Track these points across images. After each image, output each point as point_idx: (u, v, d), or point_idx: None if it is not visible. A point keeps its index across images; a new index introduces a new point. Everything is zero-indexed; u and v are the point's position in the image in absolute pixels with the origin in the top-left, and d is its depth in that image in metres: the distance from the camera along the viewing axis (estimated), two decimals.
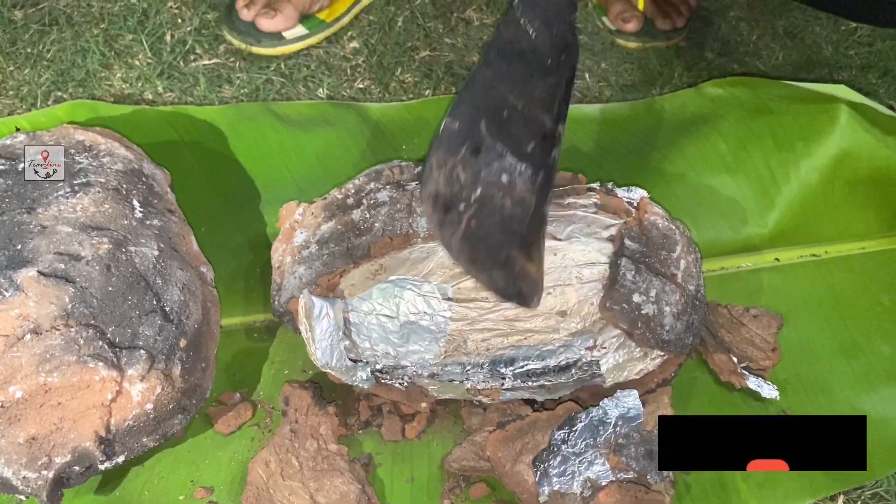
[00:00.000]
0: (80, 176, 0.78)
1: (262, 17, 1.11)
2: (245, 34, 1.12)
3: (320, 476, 0.76)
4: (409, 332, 0.77)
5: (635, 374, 0.81)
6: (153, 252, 0.76)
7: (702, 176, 1.01)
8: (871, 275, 0.97)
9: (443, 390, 0.80)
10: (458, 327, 0.77)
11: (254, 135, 1.00)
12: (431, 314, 0.77)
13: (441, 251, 0.78)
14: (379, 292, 0.77)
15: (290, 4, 1.12)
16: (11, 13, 1.14)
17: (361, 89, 1.12)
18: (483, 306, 0.77)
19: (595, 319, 0.78)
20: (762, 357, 0.87)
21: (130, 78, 1.10)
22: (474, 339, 0.77)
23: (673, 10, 1.20)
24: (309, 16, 1.14)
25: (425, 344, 0.77)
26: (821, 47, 1.22)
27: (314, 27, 1.14)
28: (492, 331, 0.77)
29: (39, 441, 0.69)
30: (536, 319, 0.77)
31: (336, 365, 0.77)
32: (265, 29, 1.12)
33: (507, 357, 0.78)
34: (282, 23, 1.12)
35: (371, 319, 0.77)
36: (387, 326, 0.77)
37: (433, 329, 0.77)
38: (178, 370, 0.74)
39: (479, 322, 0.77)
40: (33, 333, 0.68)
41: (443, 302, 0.76)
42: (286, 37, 1.12)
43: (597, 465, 0.76)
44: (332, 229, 0.83)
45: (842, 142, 1.00)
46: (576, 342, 0.78)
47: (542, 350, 0.78)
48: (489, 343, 0.77)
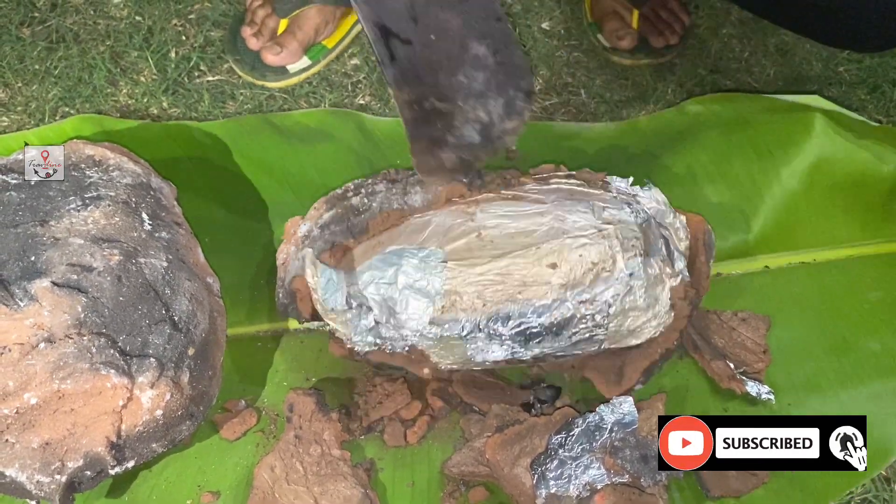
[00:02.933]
0: (91, 190, 0.80)
1: (268, 52, 1.13)
2: (250, 66, 1.14)
3: (324, 480, 0.78)
4: (407, 297, 0.79)
5: (639, 325, 0.83)
6: (162, 263, 0.78)
7: (687, 187, 1.03)
8: (859, 276, 0.99)
9: (444, 353, 0.82)
10: (454, 285, 0.79)
11: (256, 148, 1.02)
12: (428, 277, 0.79)
13: (435, 221, 0.82)
14: (378, 261, 0.80)
15: (295, 41, 1.14)
16: (20, 31, 1.17)
17: (362, 105, 1.15)
18: (476, 263, 0.79)
19: (585, 270, 0.80)
20: (755, 360, 0.89)
21: (136, 94, 1.12)
22: (469, 293, 0.79)
23: (666, 27, 1.23)
24: (313, 45, 1.16)
25: (423, 306, 0.79)
26: (811, 64, 1.25)
27: (317, 55, 1.16)
28: (486, 284, 0.79)
29: (53, 446, 0.70)
30: (528, 270, 0.80)
31: (341, 309, 0.80)
32: (270, 63, 1.14)
33: (503, 313, 0.80)
34: (287, 58, 1.14)
35: (371, 289, 0.80)
36: (386, 294, 0.80)
37: (430, 291, 0.79)
38: (186, 377, 0.76)
39: (473, 276, 0.79)
40: (47, 342, 0.70)
41: (438, 265, 0.79)
42: (290, 70, 1.15)
43: (593, 468, 0.78)
44: (332, 215, 0.89)
45: (818, 148, 1.03)
46: (568, 296, 0.80)
47: (536, 305, 0.80)
48: (484, 297, 0.79)
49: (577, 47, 1.24)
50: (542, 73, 1.20)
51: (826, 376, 0.91)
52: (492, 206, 0.83)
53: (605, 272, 0.80)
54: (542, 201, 0.83)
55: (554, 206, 0.82)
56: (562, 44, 1.24)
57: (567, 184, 0.87)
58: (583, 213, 0.82)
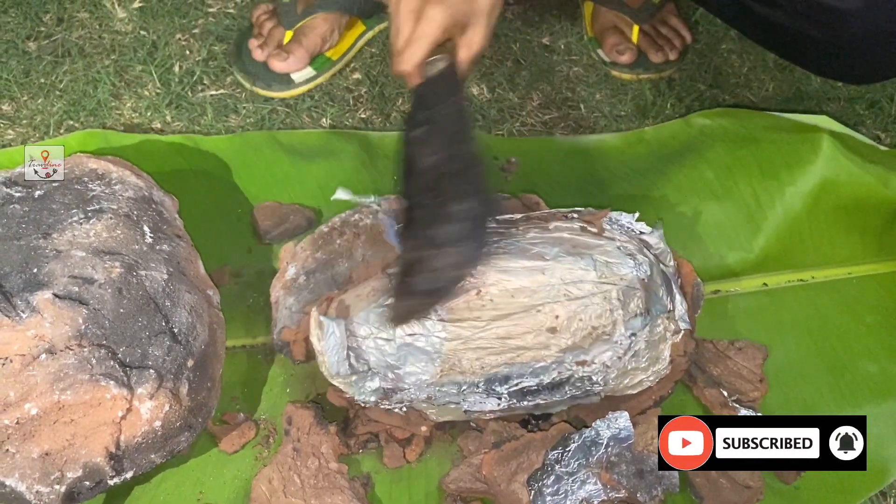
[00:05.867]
0: (94, 203, 0.81)
1: (275, 59, 1.14)
2: (255, 76, 1.16)
3: (321, 493, 0.79)
4: (405, 354, 0.79)
5: (636, 382, 0.83)
6: (162, 276, 0.79)
7: (690, 203, 1.04)
8: (856, 297, 0.99)
9: (441, 413, 0.82)
10: (453, 347, 0.79)
11: (258, 163, 1.03)
12: (426, 335, 0.79)
13: None
14: (376, 316, 0.79)
15: (301, 47, 1.15)
16: (26, 45, 1.18)
17: (363, 119, 1.16)
18: (475, 325, 0.79)
19: (585, 335, 0.80)
20: (751, 389, 0.89)
21: (140, 108, 1.13)
22: (468, 357, 0.79)
23: (666, 43, 1.24)
24: (317, 55, 1.17)
25: (422, 365, 0.79)
26: (810, 79, 1.25)
27: (321, 66, 1.17)
28: (485, 349, 0.79)
29: (52, 456, 0.71)
30: (528, 336, 0.80)
31: (345, 374, 0.79)
32: (277, 70, 1.15)
33: (502, 375, 0.80)
34: (293, 64, 1.15)
35: (369, 343, 0.79)
36: (384, 349, 0.79)
37: (429, 350, 0.79)
38: (185, 389, 0.76)
39: (472, 341, 0.79)
40: (48, 353, 0.71)
41: (436, 323, 0.79)
42: (295, 80, 1.16)
43: (589, 484, 0.78)
44: (317, 259, 0.89)
45: (824, 170, 1.03)
46: (567, 357, 0.80)
47: (534, 367, 0.80)
48: (483, 361, 0.80)
49: (576, 62, 1.25)
50: (542, 88, 1.21)
51: (822, 398, 0.91)
52: (492, 260, 0.81)
53: (605, 335, 0.80)
54: (542, 256, 0.81)
55: (556, 262, 0.81)
56: (561, 59, 1.25)
57: (569, 231, 0.85)
58: (584, 270, 0.81)
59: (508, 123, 1.17)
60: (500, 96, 1.20)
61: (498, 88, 1.21)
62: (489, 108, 1.18)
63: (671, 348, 0.84)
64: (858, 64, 0.95)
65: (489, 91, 1.20)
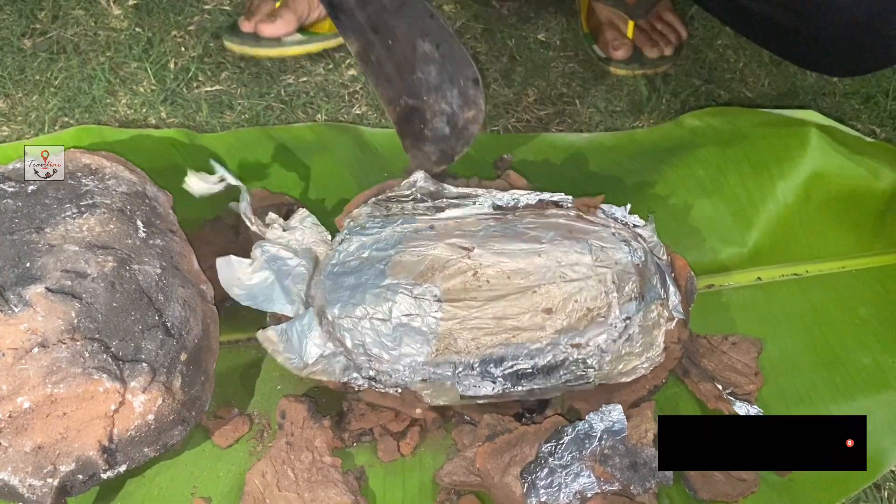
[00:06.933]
0: (87, 198, 0.81)
1: (263, 24, 1.16)
2: (244, 41, 1.17)
3: (315, 487, 0.79)
4: (401, 335, 0.80)
5: (630, 368, 0.83)
6: (156, 270, 0.79)
7: (682, 200, 1.04)
8: (849, 290, 0.99)
9: (436, 395, 0.82)
10: (449, 327, 0.80)
11: (252, 159, 1.04)
12: (422, 315, 0.80)
13: (431, 255, 0.82)
14: (372, 297, 0.80)
15: (289, 11, 1.16)
16: (21, 42, 1.18)
17: (358, 115, 1.16)
18: (471, 305, 0.80)
19: (580, 316, 0.81)
20: (746, 382, 0.89)
21: (135, 104, 1.13)
22: (464, 337, 0.80)
23: (661, 38, 1.24)
24: (305, 29, 1.18)
25: (417, 346, 0.80)
26: (805, 74, 1.26)
27: (312, 37, 1.18)
28: (481, 329, 0.80)
29: (45, 450, 0.71)
30: (524, 317, 0.80)
31: (312, 362, 0.81)
32: (266, 34, 1.16)
33: (497, 356, 0.80)
34: (282, 27, 1.16)
35: (364, 324, 0.80)
36: (380, 330, 0.80)
37: (424, 330, 0.79)
38: (178, 383, 0.76)
39: (468, 320, 0.80)
40: (41, 346, 0.71)
41: (433, 303, 0.79)
42: (285, 42, 1.17)
43: (583, 477, 0.78)
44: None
45: (814, 163, 1.04)
46: (562, 340, 0.80)
47: (530, 349, 0.80)
48: (479, 341, 0.80)
49: (572, 58, 1.25)
50: (537, 84, 1.21)
51: (817, 391, 0.91)
52: (488, 243, 0.83)
53: (600, 318, 0.81)
54: (539, 240, 0.83)
55: (551, 245, 0.82)
56: (557, 54, 1.25)
57: (565, 217, 0.87)
58: (579, 253, 0.82)
59: (504, 119, 1.17)
60: (496, 92, 1.20)
61: (493, 84, 1.21)
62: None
63: (665, 335, 0.84)
64: (844, 56, 0.96)
65: (485, 87, 1.20)
